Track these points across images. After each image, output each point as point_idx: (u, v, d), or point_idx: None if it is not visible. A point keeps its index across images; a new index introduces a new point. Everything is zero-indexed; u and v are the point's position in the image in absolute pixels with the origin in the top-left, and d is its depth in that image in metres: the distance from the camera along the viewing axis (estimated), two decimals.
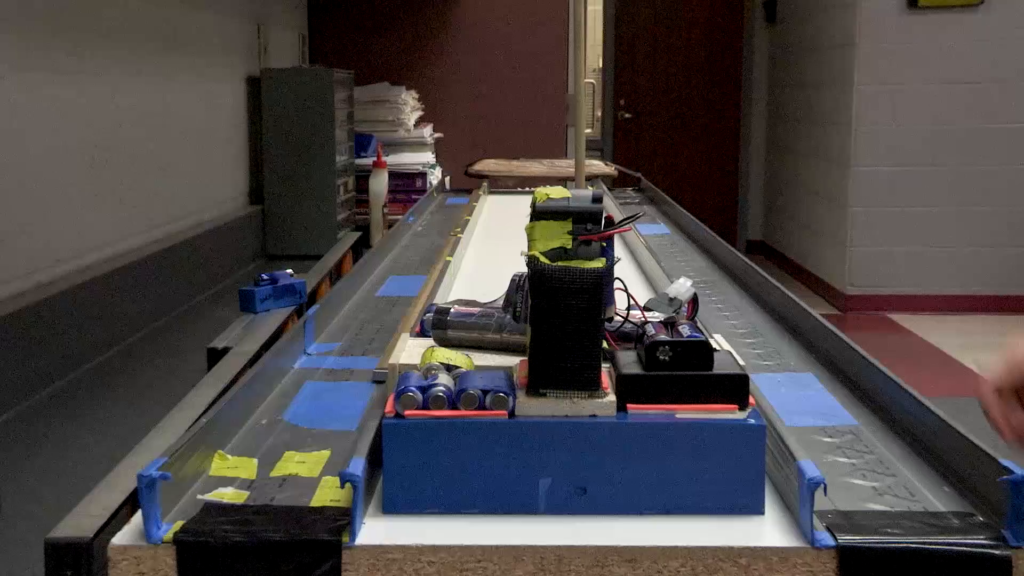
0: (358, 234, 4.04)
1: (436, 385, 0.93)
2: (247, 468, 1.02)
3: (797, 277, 7.55)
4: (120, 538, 0.88)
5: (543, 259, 0.93)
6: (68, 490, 1.39)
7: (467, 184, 3.63)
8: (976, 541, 0.87)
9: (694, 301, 1.05)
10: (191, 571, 0.87)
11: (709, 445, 0.92)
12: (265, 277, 2.28)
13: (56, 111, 2.29)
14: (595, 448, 0.92)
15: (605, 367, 0.96)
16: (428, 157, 4.57)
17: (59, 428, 1.71)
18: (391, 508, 0.93)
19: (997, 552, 0.86)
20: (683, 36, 8.65)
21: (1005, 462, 0.91)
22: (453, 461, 0.92)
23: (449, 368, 1.00)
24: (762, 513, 0.93)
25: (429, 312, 1.24)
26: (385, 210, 4.14)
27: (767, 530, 0.90)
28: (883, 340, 6.10)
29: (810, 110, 7.39)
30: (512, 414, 0.92)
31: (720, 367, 0.94)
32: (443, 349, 1.08)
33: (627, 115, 8.69)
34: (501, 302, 1.16)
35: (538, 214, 0.95)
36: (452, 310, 1.20)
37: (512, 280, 1.09)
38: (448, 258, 1.99)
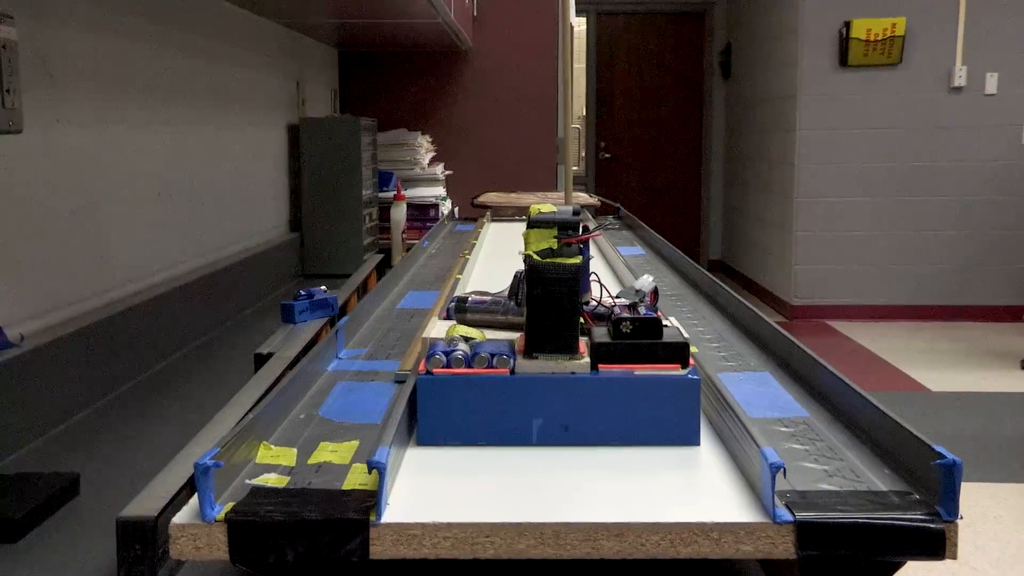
0: (381, 256, 4.02)
1: (456, 350, 1.09)
2: (288, 457, 1.00)
3: (751, 290, 7.55)
4: (180, 517, 0.86)
5: (536, 257, 1.10)
6: (137, 477, 1.37)
7: (473, 213, 3.62)
8: (914, 516, 0.85)
9: (655, 293, 1.20)
10: (241, 546, 0.85)
11: (658, 394, 1.06)
12: (303, 293, 2.26)
13: (129, 155, 2.28)
14: (574, 396, 1.06)
15: (584, 339, 1.11)
16: (440, 191, 4.56)
17: (129, 423, 1.69)
18: (424, 441, 1.07)
19: (932, 526, 0.84)
20: (654, 89, 8.67)
21: (937, 447, 0.89)
22: (469, 406, 1.07)
23: (467, 340, 1.16)
24: (698, 444, 1.06)
25: (452, 302, 1.39)
26: (404, 236, 4.12)
27: (733, 507, 0.88)
28: (824, 343, 6.09)
29: (761, 151, 7.40)
30: (513, 372, 1.07)
31: (668, 337, 1.08)
32: (462, 327, 1.22)
33: (607, 155, 8.70)
34: (507, 293, 1.32)
35: (532, 223, 1.12)
36: (470, 299, 1.37)
37: (515, 276, 1.24)
38: (458, 276, 1.97)
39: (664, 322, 1.11)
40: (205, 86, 2.87)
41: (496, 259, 2.49)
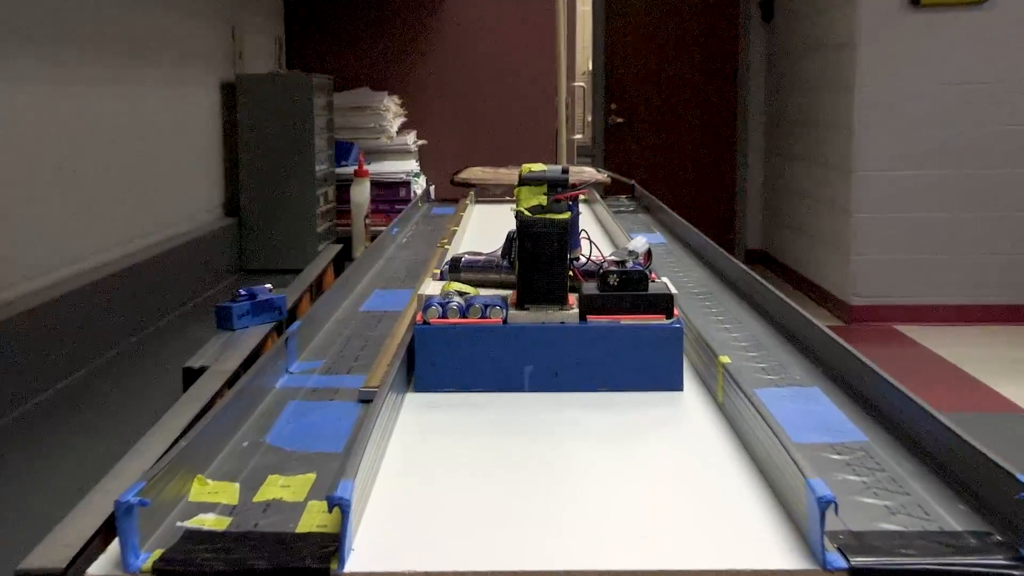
0: (339, 246, 4.04)
1: (452, 302, 1.37)
2: (228, 493, 1.02)
3: (799, 287, 7.57)
4: (96, 568, 0.87)
5: (527, 213, 1.39)
6: (39, 518, 1.38)
7: (453, 193, 3.63)
8: (995, 561, 0.87)
9: (648, 254, 1.46)
10: None
11: (643, 342, 1.35)
12: (243, 292, 2.28)
13: (21, 121, 2.29)
14: (563, 345, 1.36)
15: (575, 295, 1.39)
16: (412, 165, 4.57)
17: (28, 453, 1.70)
18: (421, 387, 1.36)
19: (1017, 573, 0.86)
20: (676, 37, 8.68)
21: (1023, 477, 0.91)
22: (464, 354, 1.35)
23: (461, 294, 1.41)
24: (681, 390, 1.36)
25: (447, 264, 1.66)
26: (367, 221, 4.14)
27: (775, 551, 0.90)
28: (890, 353, 6.11)
29: (810, 113, 7.42)
30: (505, 322, 1.36)
31: (654, 290, 1.37)
32: (457, 283, 1.48)
33: (619, 120, 8.71)
34: (500, 252, 1.56)
35: (523, 181, 1.40)
36: (464, 258, 1.64)
37: (507, 236, 1.48)
38: (435, 270, 1.99)
39: (661, 281, 1.42)
40: (116, 35, 2.87)
41: (481, 248, 2.50)
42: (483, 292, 1.48)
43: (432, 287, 1.50)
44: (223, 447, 1.15)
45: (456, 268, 1.64)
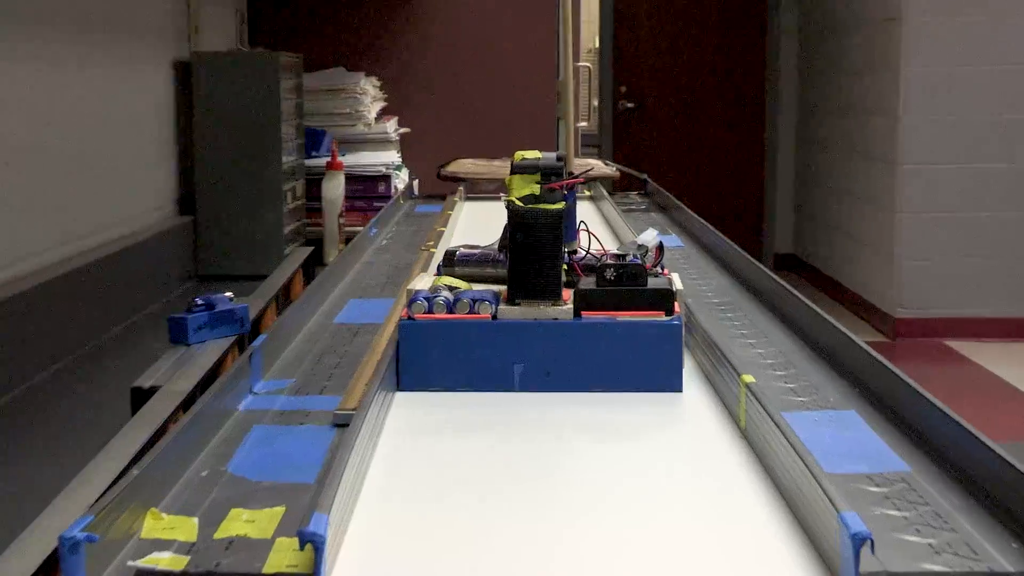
0: (310, 249, 4.05)
1: (439, 296, 1.47)
2: (186, 529, 1.03)
3: (835, 297, 7.57)
4: None
5: (518, 203, 1.47)
6: None
7: (440, 188, 3.64)
8: None
9: (660, 248, 1.57)
10: None
11: (640, 340, 1.44)
12: (199, 302, 2.29)
13: None
14: (557, 342, 1.45)
15: (571, 290, 1.48)
16: (393, 157, 4.59)
17: None
18: (406, 386, 1.46)
19: None
20: (696, 10, 8.69)
21: None
22: (451, 351, 1.45)
23: (451, 289, 1.52)
24: (680, 391, 1.46)
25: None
26: (342, 220, 4.16)
27: None
28: (940, 372, 6.12)
29: (849, 97, 7.42)
30: (494, 317, 1.46)
31: (653, 284, 1.46)
32: (448, 278, 1.59)
33: (629, 105, 8.73)
34: (497, 245, 1.64)
35: (515, 169, 1.49)
36: (458, 252, 1.75)
37: (505, 227, 1.53)
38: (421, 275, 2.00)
39: (668, 277, 1.52)
40: (53, 7, 2.89)
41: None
42: (477, 288, 1.56)
43: (422, 281, 1.61)
44: (179, 477, 1.16)
45: (451, 262, 1.75)
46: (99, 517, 0.93)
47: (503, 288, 1.53)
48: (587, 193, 3.48)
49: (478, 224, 2.94)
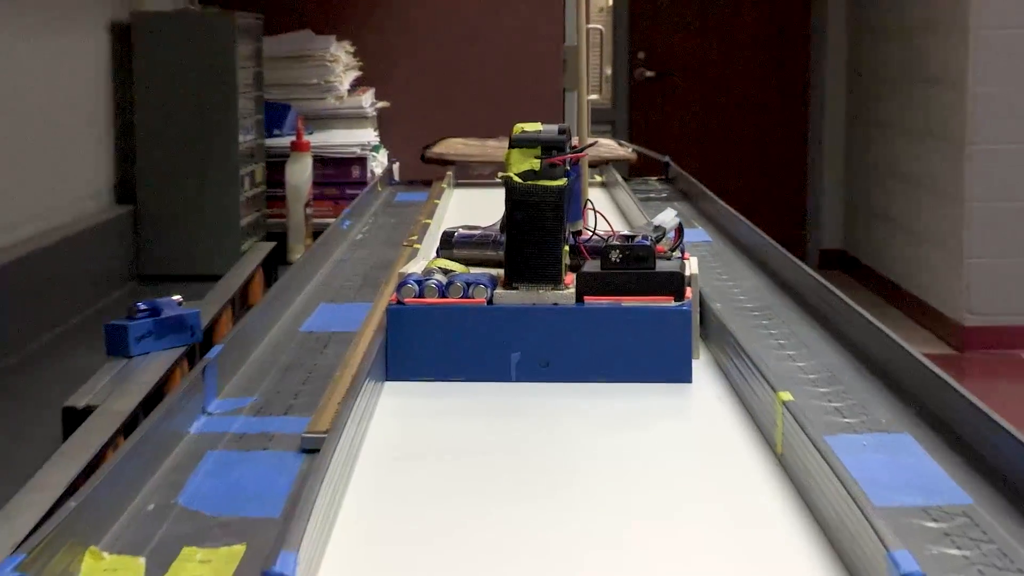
0: (272, 245, 4.05)
1: (430, 279, 1.56)
2: (131, 570, 1.04)
3: (892, 301, 7.58)
4: None
5: (516, 179, 1.55)
6: None
7: (425, 173, 3.66)
8: None
9: (679, 230, 1.65)
10: None
11: (646, 327, 1.53)
12: (142, 307, 2.30)
13: None
14: (556, 330, 1.54)
15: (575, 273, 1.56)
16: (369, 136, 4.59)
17: None
18: (394, 376, 1.55)
19: None
20: None
21: None
22: (442, 339, 1.54)
23: (446, 272, 1.60)
24: (690, 382, 1.54)
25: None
26: (309, 211, 4.16)
27: None
28: (1012, 389, 6.12)
29: (907, 66, 7.42)
30: (490, 302, 1.55)
31: (661, 267, 1.54)
32: (443, 260, 1.69)
33: (649, 74, 8.73)
34: (499, 226, 1.70)
35: (513, 143, 1.56)
36: (457, 233, 1.82)
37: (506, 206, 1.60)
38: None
39: (685, 260, 1.62)
40: None
41: None
42: (474, 271, 1.65)
43: (415, 264, 1.71)
44: (122, 511, 1.18)
45: (448, 244, 1.81)
46: (31, 556, 0.95)
47: (502, 272, 1.61)
48: (598, 179, 3.49)
49: (469, 214, 2.94)
